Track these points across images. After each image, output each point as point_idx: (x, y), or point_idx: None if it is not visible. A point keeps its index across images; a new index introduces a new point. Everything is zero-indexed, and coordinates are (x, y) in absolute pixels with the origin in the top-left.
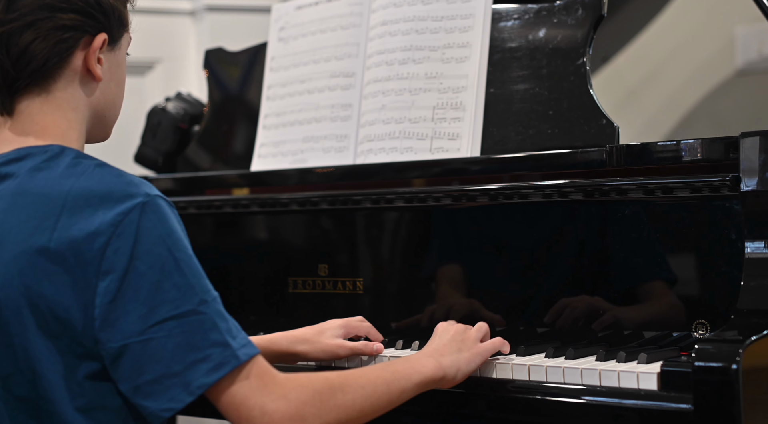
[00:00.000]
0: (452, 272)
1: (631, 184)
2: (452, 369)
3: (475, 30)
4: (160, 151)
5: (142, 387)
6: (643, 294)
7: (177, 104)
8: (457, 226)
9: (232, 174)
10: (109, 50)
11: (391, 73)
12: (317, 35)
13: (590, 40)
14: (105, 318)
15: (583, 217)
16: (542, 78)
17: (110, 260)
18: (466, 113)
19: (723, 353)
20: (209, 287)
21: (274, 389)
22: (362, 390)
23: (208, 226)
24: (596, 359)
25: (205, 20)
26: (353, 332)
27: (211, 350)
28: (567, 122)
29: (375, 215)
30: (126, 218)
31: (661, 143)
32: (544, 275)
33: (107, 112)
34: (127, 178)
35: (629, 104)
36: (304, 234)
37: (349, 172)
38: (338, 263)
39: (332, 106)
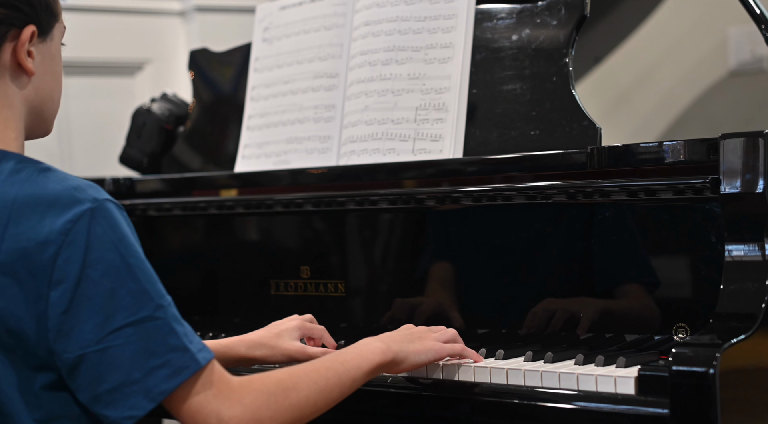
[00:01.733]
0: (434, 273)
1: (611, 186)
2: (401, 355)
3: (458, 30)
4: (145, 152)
5: (102, 396)
6: (624, 297)
7: (162, 105)
8: (438, 228)
9: (216, 175)
10: (41, 42)
11: (374, 74)
12: (301, 36)
13: (573, 40)
14: (59, 329)
15: (564, 219)
16: (525, 79)
17: (61, 269)
18: (448, 114)
19: (700, 358)
20: (164, 292)
21: (229, 395)
22: (315, 385)
23: (190, 227)
24: (575, 362)
25: (195, 20)
26: (308, 333)
27: (170, 356)
28: (549, 123)
29: (359, 217)
30: (75, 226)
31: (642, 145)
32: (526, 278)
33: (44, 106)
34: (73, 183)
35: (622, 105)
36: (287, 236)
37: (336, 174)
38: (320, 265)
39: (315, 107)
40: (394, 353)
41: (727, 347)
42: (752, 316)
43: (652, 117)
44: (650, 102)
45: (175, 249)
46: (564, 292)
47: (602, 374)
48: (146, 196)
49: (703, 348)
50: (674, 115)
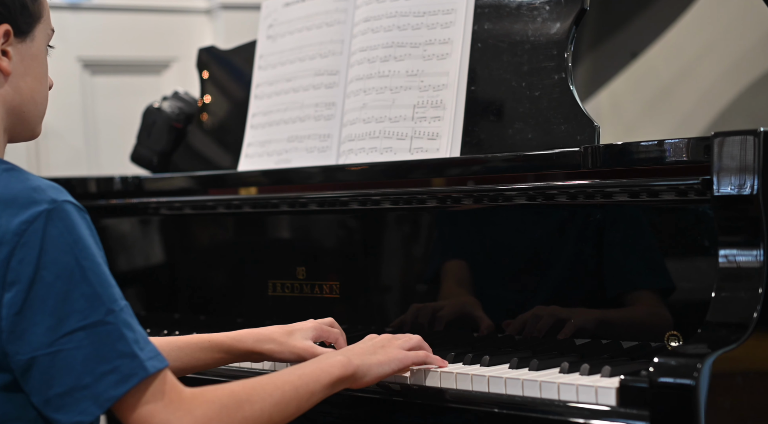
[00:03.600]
0: (429, 276)
1: (601, 187)
2: (362, 368)
3: (457, 26)
4: (155, 150)
5: (52, 400)
6: (618, 302)
7: (173, 103)
8: (428, 229)
9: (217, 174)
10: (19, 42)
11: (373, 71)
12: (303, 32)
13: (572, 35)
14: (12, 330)
15: (553, 221)
16: (523, 75)
17: (15, 270)
18: (446, 112)
19: (681, 369)
20: (117, 296)
21: (180, 406)
22: (270, 398)
23: (194, 226)
24: (560, 371)
25: (220, 18)
26: (324, 335)
27: (118, 362)
28: (547, 122)
29: (358, 217)
30: (31, 227)
31: (635, 144)
32: (515, 282)
33: (26, 107)
34: (33, 183)
35: (663, 101)
36: (285, 236)
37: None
38: (315, 266)
39: (316, 105)
40: (356, 367)
41: (711, 358)
42: (742, 326)
43: (693, 113)
44: (692, 98)
45: (178, 247)
46: (556, 297)
47: (583, 383)
48: (153, 195)
49: (685, 359)
50: (717, 111)
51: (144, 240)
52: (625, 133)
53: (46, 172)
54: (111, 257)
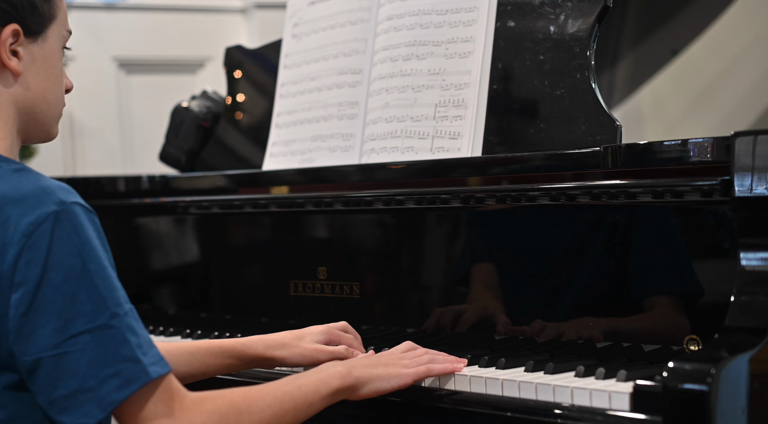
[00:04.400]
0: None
1: (621, 187)
2: (362, 380)
3: (479, 24)
4: (183, 149)
5: (57, 402)
6: (638, 305)
7: (201, 103)
8: (455, 230)
9: (241, 174)
10: (31, 43)
11: (395, 70)
12: (327, 31)
13: (595, 33)
14: (19, 331)
15: (572, 222)
16: (545, 74)
17: (23, 271)
18: (467, 111)
19: (694, 374)
20: (122, 300)
21: (181, 413)
22: (269, 409)
23: (219, 225)
24: (575, 374)
25: (255, 17)
26: (335, 339)
27: (122, 366)
28: (569, 121)
29: (380, 218)
30: (39, 229)
31: (657, 143)
32: (535, 284)
33: (38, 108)
34: (43, 184)
35: (706, 99)
36: (307, 235)
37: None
38: (336, 266)
39: (339, 104)
40: (355, 378)
41: (726, 362)
42: (761, 330)
43: (737, 111)
44: (735, 96)
45: (204, 247)
46: (577, 299)
47: (597, 388)
48: (179, 194)
49: (699, 364)
50: (762, 109)
51: (170, 239)
52: (668, 131)
53: (81, 171)
54: (138, 256)
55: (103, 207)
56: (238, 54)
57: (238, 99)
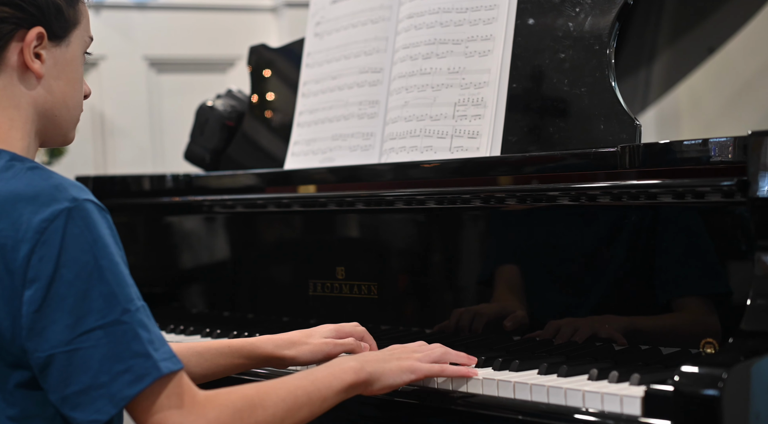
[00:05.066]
0: (466, 278)
1: (634, 188)
2: (375, 374)
3: (499, 22)
4: (208, 148)
5: (70, 398)
6: (656, 308)
7: (226, 102)
8: (475, 230)
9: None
10: (54, 46)
11: (415, 69)
12: (349, 30)
13: (615, 31)
14: (32, 327)
15: (587, 223)
16: (565, 72)
17: (35, 268)
18: (486, 110)
19: (705, 379)
20: (133, 296)
21: (193, 410)
22: (283, 403)
23: (240, 224)
24: (588, 377)
25: (285, 16)
26: (345, 337)
27: (133, 361)
28: (587, 120)
29: (399, 217)
30: (51, 225)
31: (676, 142)
32: (551, 286)
33: (57, 111)
34: (56, 181)
35: (745, 96)
36: (326, 235)
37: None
38: (355, 266)
39: (360, 103)
40: (368, 373)
41: (740, 367)
42: None
43: None
44: None
45: (226, 246)
46: (595, 301)
47: (609, 392)
48: (203, 193)
49: (711, 368)
50: None
51: (194, 238)
52: (705, 129)
53: (112, 170)
54: (162, 254)
55: (128, 206)
56: (261, 53)
57: (261, 98)
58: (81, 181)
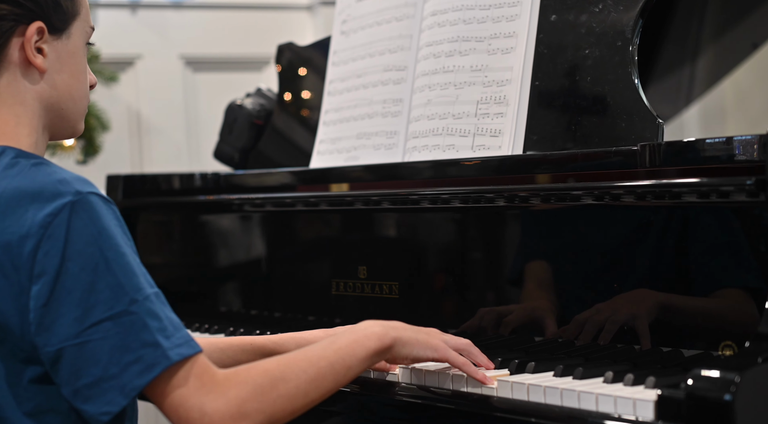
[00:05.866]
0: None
1: (661, 187)
2: (400, 342)
3: (522, 19)
4: (236, 147)
5: (81, 391)
6: (677, 309)
7: (255, 100)
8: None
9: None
10: (55, 40)
11: (438, 67)
12: (374, 28)
13: (638, 28)
14: (40, 322)
15: (605, 222)
16: (587, 69)
17: (41, 262)
18: (509, 108)
19: (718, 382)
20: (142, 285)
21: (213, 389)
22: (305, 375)
23: (266, 223)
24: (603, 380)
25: (321, 14)
26: None
27: (142, 351)
28: (609, 118)
29: (418, 216)
30: (55, 220)
31: (699, 141)
32: (572, 288)
33: (63, 104)
34: (59, 176)
35: None
36: (349, 234)
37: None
38: (376, 265)
39: (384, 102)
40: (393, 339)
41: (755, 370)
42: None
43: None
44: None
45: (253, 245)
46: (617, 301)
47: (622, 395)
48: (231, 192)
49: (725, 371)
50: None
51: (221, 237)
52: (751, 125)
53: (148, 168)
54: (190, 253)
55: (158, 204)
56: (289, 51)
57: (289, 96)
58: (111, 180)
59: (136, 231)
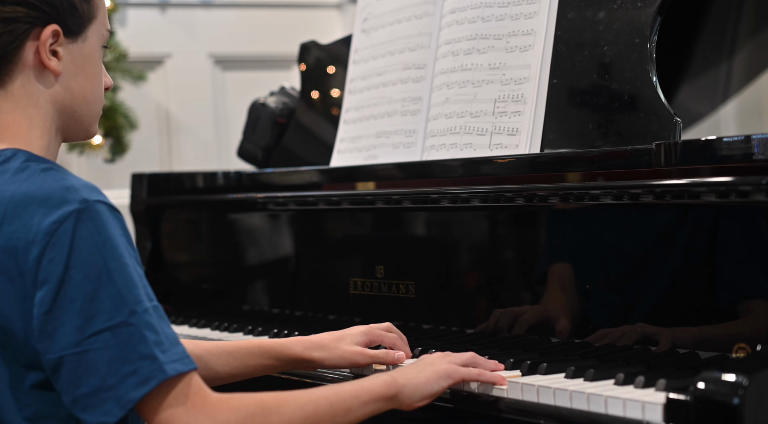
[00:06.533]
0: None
1: (668, 187)
2: (408, 388)
3: (541, 16)
4: (260, 145)
5: (80, 400)
6: (696, 310)
7: (278, 99)
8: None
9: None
10: (70, 43)
11: (456, 65)
12: (394, 26)
13: (656, 25)
14: (42, 329)
15: (619, 222)
16: (605, 67)
17: (46, 270)
18: (526, 106)
19: (726, 385)
20: (142, 297)
21: (203, 410)
22: (301, 411)
23: (285, 222)
24: (614, 382)
25: (349, 12)
26: (377, 340)
27: (139, 364)
28: (627, 116)
29: (436, 215)
30: (61, 227)
31: (717, 140)
32: (589, 286)
33: (77, 107)
34: (67, 183)
35: None
36: (366, 233)
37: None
38: (393, 264)
39: (403, 100)
40: (401, 385)
41: (763, 374)
42: None
43: None
44: None
45: (274, 243)
46: (635, 304)
47: (631, 397)
48: (252, 190)
49: (732, 374)
50: None
51: (244, 236)
52: None
53: (177, 166)
54: (212, 252)
55: (183, 203)
56: (311, 49)
57: (311, 94)
58: (136, 178)
59: (161, 229)
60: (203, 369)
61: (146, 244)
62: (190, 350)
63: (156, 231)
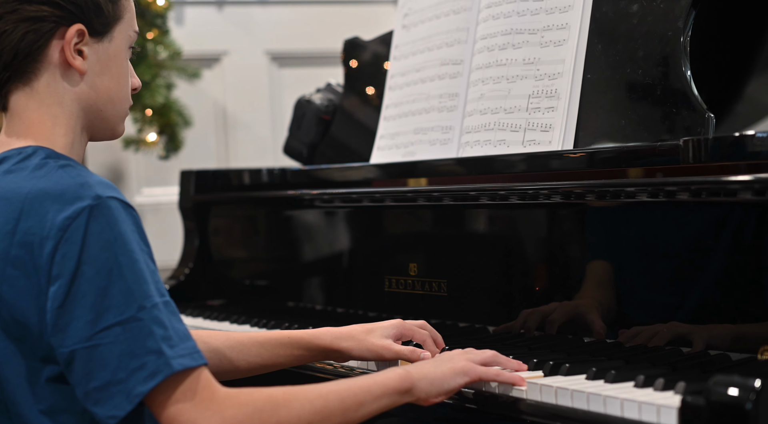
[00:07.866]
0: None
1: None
2: (423, 382)
3: (575, 10)
4: (304, 142)
5: (91, 393)
6: (727, 311)
7: (324, 95)
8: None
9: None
10: (96, 42)
11: (491, 60)
12: (433, 21)
13: (690, 19)
14: (56, 323)
15: (647, 220)
16: (637, 62)
17: (59, 265)
18: (560, 102)
19: (738, 388)
20: (151, 293)
21: (210, 406)
22: (310, 405)
23: (325, 219)
24: (634, 384)
25: None
26: (408, 334)
27: (146, 358)
28: (660, 111)
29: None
30: (74, 223)
31: (749, 136)
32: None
33: (102, 106)
34: (82, 179)
35: None
36: (402, 230)
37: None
38: (426, 262)
39: (440, 96)
40: (415, 380)
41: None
42: None
43: None
44: None
45: (311, 240)
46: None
47: (646, 400)
48: (295, 188)
49: (745, 377)
50: None
51: (286, 232)
52: None
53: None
54: (254, 247)
55: (229, 199)
56: (354, 46)
57: (354, 91)
58: (184, 175)
59: (208, 225)
60: (219, 360)
61: (194, 240)
62: (205, 341)
63: (203, 227)
